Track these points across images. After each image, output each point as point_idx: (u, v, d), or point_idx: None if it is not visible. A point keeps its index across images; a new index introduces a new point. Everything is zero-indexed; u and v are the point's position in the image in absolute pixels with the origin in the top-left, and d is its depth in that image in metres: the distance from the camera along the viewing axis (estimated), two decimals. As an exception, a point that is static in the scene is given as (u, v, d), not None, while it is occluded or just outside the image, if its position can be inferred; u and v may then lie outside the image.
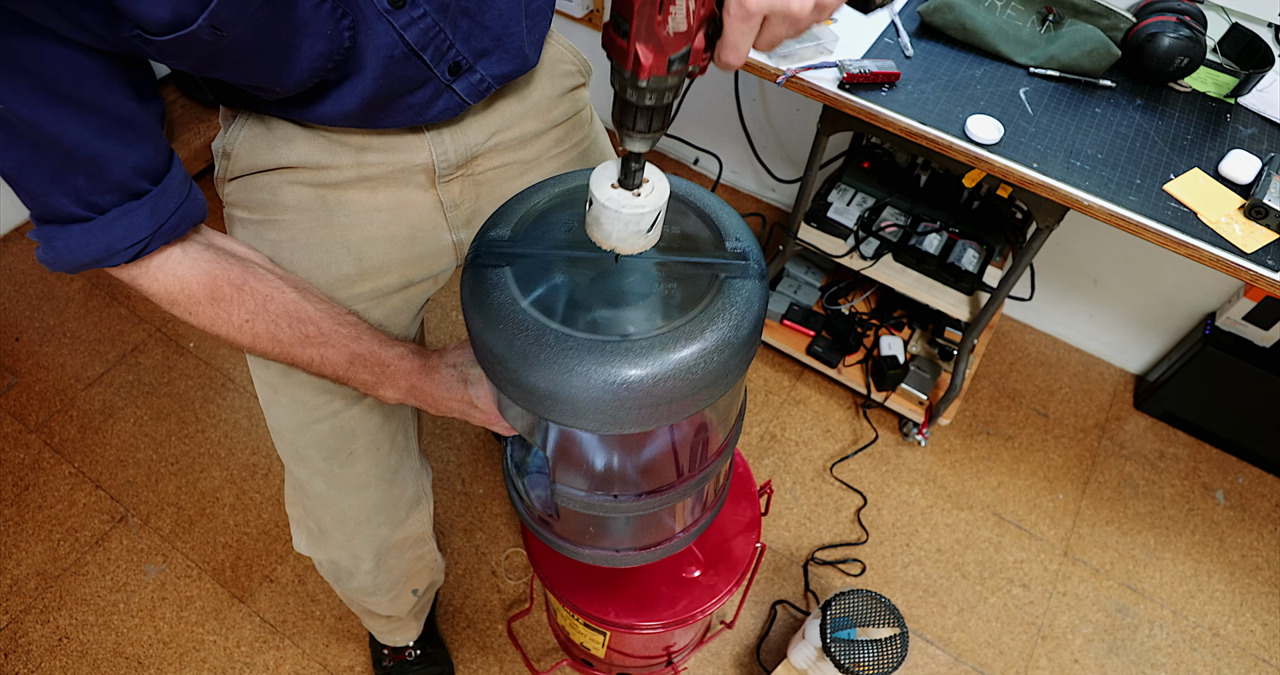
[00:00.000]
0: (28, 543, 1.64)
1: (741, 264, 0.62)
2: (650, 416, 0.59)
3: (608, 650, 1.21)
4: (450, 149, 0.79)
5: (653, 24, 0.46)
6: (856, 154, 1.84)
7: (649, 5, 0.45)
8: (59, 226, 0.60)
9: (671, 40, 0.47)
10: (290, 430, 0.91)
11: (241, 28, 0.54)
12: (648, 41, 0.47)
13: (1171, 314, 1.91)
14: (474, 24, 0.68)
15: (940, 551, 1.75)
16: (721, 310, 0.59)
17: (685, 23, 0.46)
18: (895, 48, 1.35)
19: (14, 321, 1.97)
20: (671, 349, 0.56)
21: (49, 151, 0.55)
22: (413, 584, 1.24)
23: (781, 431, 1.90)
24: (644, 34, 0.46)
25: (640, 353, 0.55)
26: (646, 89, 0.49)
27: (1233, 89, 1.34)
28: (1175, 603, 1.72)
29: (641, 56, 0.47)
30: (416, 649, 1.47)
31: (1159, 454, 1.95)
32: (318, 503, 0.98)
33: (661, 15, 0.45)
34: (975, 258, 1.63)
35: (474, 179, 0.84)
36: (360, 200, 0.79)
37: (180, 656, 1.53)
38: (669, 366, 0.56)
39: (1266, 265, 1.12)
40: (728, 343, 0.58)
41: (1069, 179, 1.19)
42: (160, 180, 0.63)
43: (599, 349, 0.55)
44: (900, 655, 1.26)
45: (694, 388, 0.58)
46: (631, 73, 0.48)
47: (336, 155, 0.76)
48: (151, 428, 1.82)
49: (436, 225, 0.85)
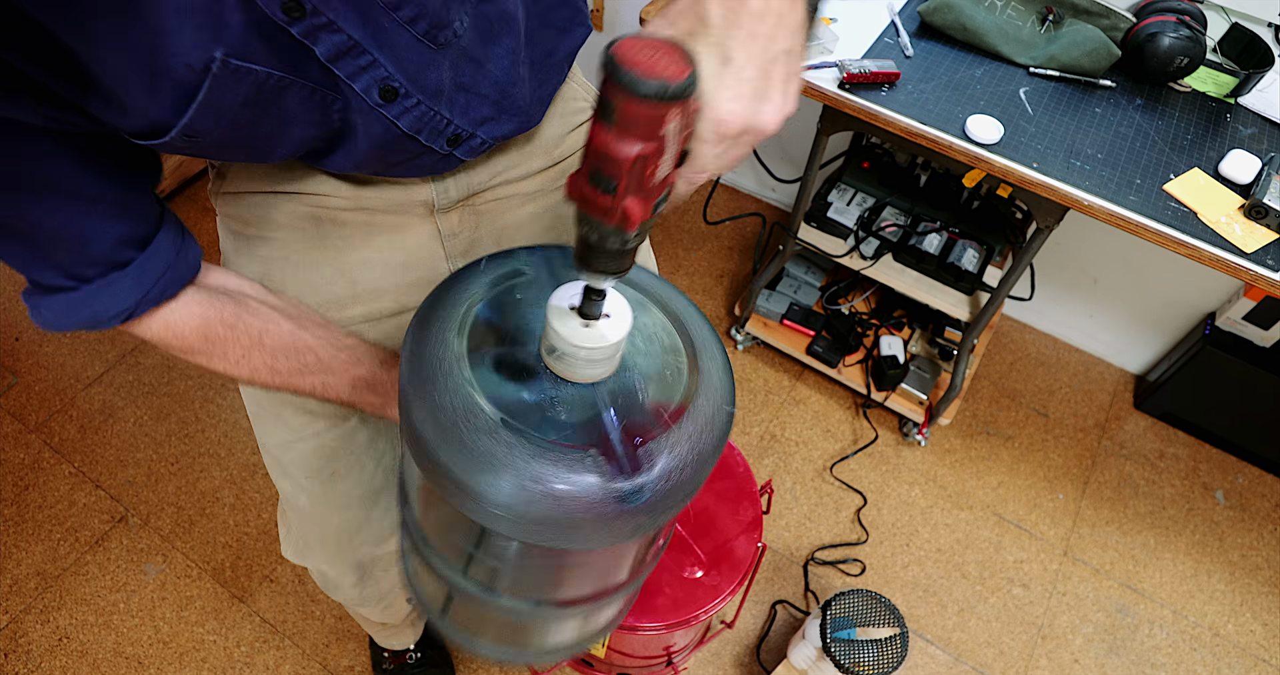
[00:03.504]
0: (28, 543, 1.64)
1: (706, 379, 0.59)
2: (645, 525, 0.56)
3: (608, 650, 1.21)
4: (452, 188, 0.79)
5: (643, 178, 0.43)
6: (856, 154, 1.84)
7: (639, 163, 0.42)
8: (44, 295, 0.60)
9: (657, 187, 0.45)
10: (275, 446, 0.91)
11: (220, 132, 0.54)
12: (637, 194, 0.44)
13: (1171, 314, 1.91)
14: (471, 97, 0.66)
15: (940, 551, 1.75)
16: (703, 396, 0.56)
17: (670, 166, 0.44)
18: (895, 48, 1.35)
19: (14, 321, 1.97)
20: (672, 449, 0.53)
21: (27, 234, 0.55)
22: (405, 594, 1.24)
23: (781, 431, 1.90)
24: (634, 188, 0.44)
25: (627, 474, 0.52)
26: (634, 237, 0.47)
27: (1233, 89, 1.34)
28: (1175, 603, 1.72)
29: (630, 212, 0.45)
30: (417, 652, 1.47)
31: (1159, 454, 1.95)
32: (302, 517, 0.98)
33: (651, 169, 0.43)
34: (975, 258, 1.63)
35: (474, 210, 0.83)
36: (356, 223, 0.78)
37: (180, 656, 1.53)
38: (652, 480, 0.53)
39: (1266, 265, 1.12)
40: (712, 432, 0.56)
41: (1069, 179, 1.19)
42: (147, 245, 0.61)
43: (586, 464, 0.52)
44: (900, 655, 1.26)
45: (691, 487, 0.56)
46: (618, 227, 0.46)
47: (335, 188, 0.75)
48: (151, 428, 1.82)
49: (434, 254, 0.84)
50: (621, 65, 0.39)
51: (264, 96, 0.54)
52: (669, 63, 0.40)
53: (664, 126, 0.41)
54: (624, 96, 0.40)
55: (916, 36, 1.37)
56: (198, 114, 0.51)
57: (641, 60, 0.40)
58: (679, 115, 0.42)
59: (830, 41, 1.32)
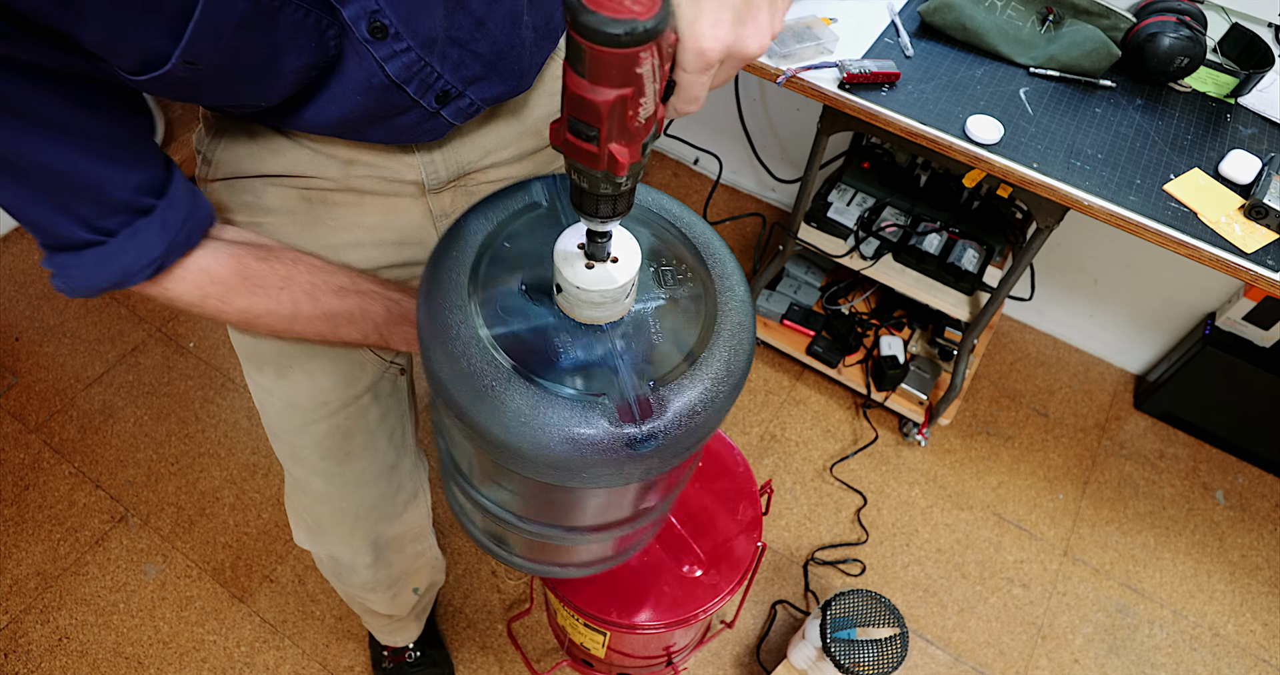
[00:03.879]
0: (28, 543, 1.64)
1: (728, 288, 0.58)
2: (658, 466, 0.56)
3: (608, 650, 1.21)
4: (441, 168, 0.78)
5: (624, 121, 0.42)
6: (856, 154, 1.84)
7: (619, 107, 0.40)
8: (72, 254, 0.59)
9: (643, 127, 0.43)
10: (286, 431, 0.91)
11: (218, 57, 0.52)
12: (621, 139, 0.43)
13: (1171, 314, 1.91)
14: (465, 53, 0.65)
15: (940, 551, 1.75)
16: (720, 339, 0.55)
17: (654, 104, 0.42)
18: (895, 48, 1.35)
19: (14, 321, 1.97)
20: (682, 395, 0.53)
21: (46, 181, 0.54)
22: (413, 582, 1.24)
23: (781, 431, 1.90)
24: (616, 134, 0.42)
25: None
26: (627, 179, 0.46)
27: (1233, 89, 1.34)
28: (1175, 603, 1.72)
29: (618, 155, 0.43)
30: (416, 650, 1.47)
31: (1159, 454, 1.95)
32: (316, 500, 0.98)
33: (632, 111, 0.41)
34: (975, 258, 1.63)
35: (466, 191, 0.83)
36: (347, 205, 0.78)
37: (180, 656, 1.53)
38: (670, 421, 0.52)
39: (1266, 265, 1.12)
40: (729, 376, 0.55)
41: (1069, 179, 1.19)
42: (164, 193, 0.61)
43: (597, 409, 0.52)
44: (900, 655, 1.26)
45: (704, 431, 0.55)
46: (607, 172, 0.44)
47: (322, 167, 0.74)
48: (151, 428, 1.82)
49: (425, 233, 0.84)
50: (585, 6, 0.36)
51: (260, 17, 0.52)
52: (637, 0, 0.37)
53: (639, 67, 0.39)
54: (591, 41, 0.37)
55: (916, 36, 1.37)
56: (195, 35, 0.49)
57: (608, 1, 0.37)
58: (653, 54, 0.39)
59: (830, 41, 1.32)
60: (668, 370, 0.54)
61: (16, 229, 2.15)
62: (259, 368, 0.87)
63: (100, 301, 2.02)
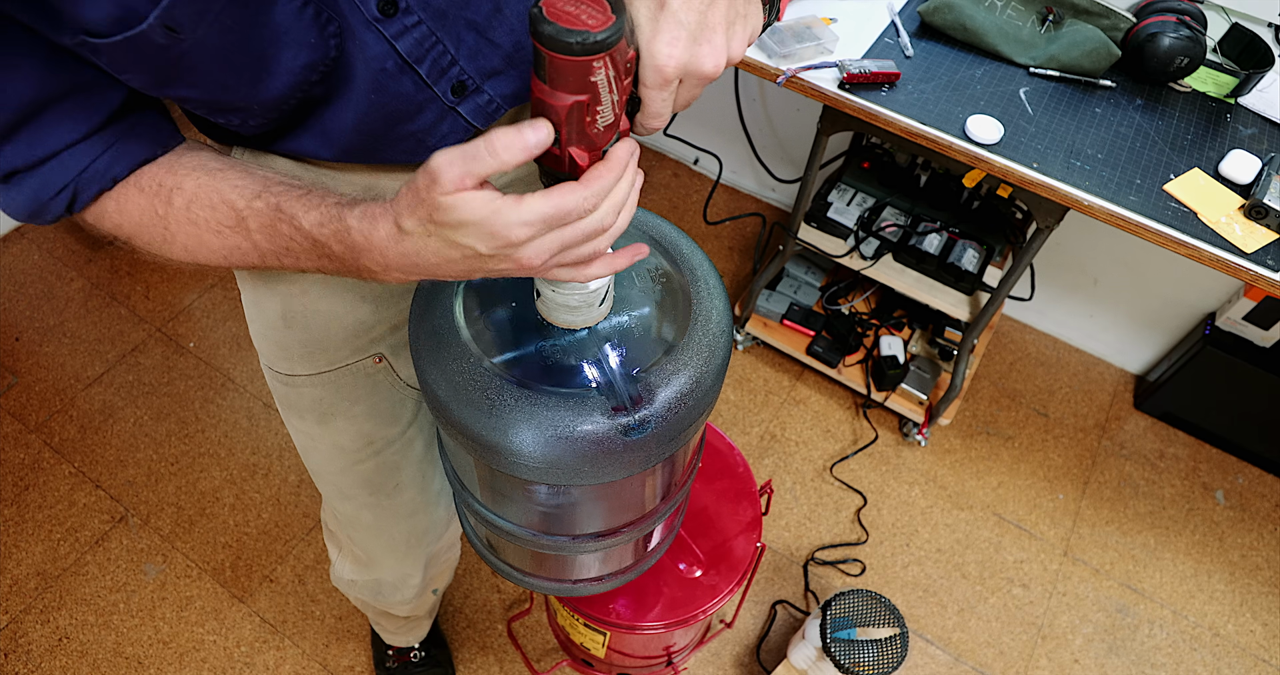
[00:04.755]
0: (28, 543, 1.64)
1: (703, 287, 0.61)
2: (656, 455, 0.58)
3: (608, 650, 1.21)
4: None
5: (583, 127, 0.45)
6: (856, 154, 1.84)
7: (576, 112, 0.44)
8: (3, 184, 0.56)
9: (602, 135, 0.46)
10: (332, 473, 0.90)
11: (203, 31, 0.48)
12: (580, 144, 0.46)
13: (1171, 314, 1.91)
14: (481, 40, 0.62)
15: (940, 551, 1.75)
16: (699, 327, 0.58)
17: (613, 113, 0.46)
18: (895, 48, 1.35)
19: (14, 321, 1.97)
20: (669, 381, 0.55)
21: None
22: (435, 584, 1.24)
23: (781, 431, 1.90)
24: (575, 138, 0.45)
25: None
26: None
27: (1233, 89, 1.34)
28: (1175, 603, 1.72)
29: (577, 159, 0.46)
30: (421, 650, 1.47)
31: (1159, 454, 1.95)
32: (368, 534, 0.98)
33: (590, 117, 0.45)
34: (975, 258, 1.63)
35: None
36: None
37: (180, 656, 1.53)
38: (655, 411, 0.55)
39: (1266, 265, 1.12)
40: (710, 357, 0.58)
41: (1069, 179, 1.19)
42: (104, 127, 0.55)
43: (589, 404, 0.54)
44: (900, 655, 1.26)
45: (695, 412, 0.57)
46: (569, 174, 0.47)
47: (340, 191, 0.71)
48: (151, 428, 1.82)
49: None
50: (545, 16, 0.40)
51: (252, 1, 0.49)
52: (592, 14, 0.41)
53: (592, 75, 0.42)
54: (549, 48, 0.41)
55: (916, 36, 1.37)
56: (177, 3, 0.46)
57: (565, 12, 0.40)
58: (606, 65, 0.42)
59: (830, 41, 1.32)
60: (651, 361, 0.57)
61: (16, 229, 2.15)
62: (300, 416, 0.85)
63: (100, 301, 2.02)
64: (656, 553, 0.92)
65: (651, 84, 0.46)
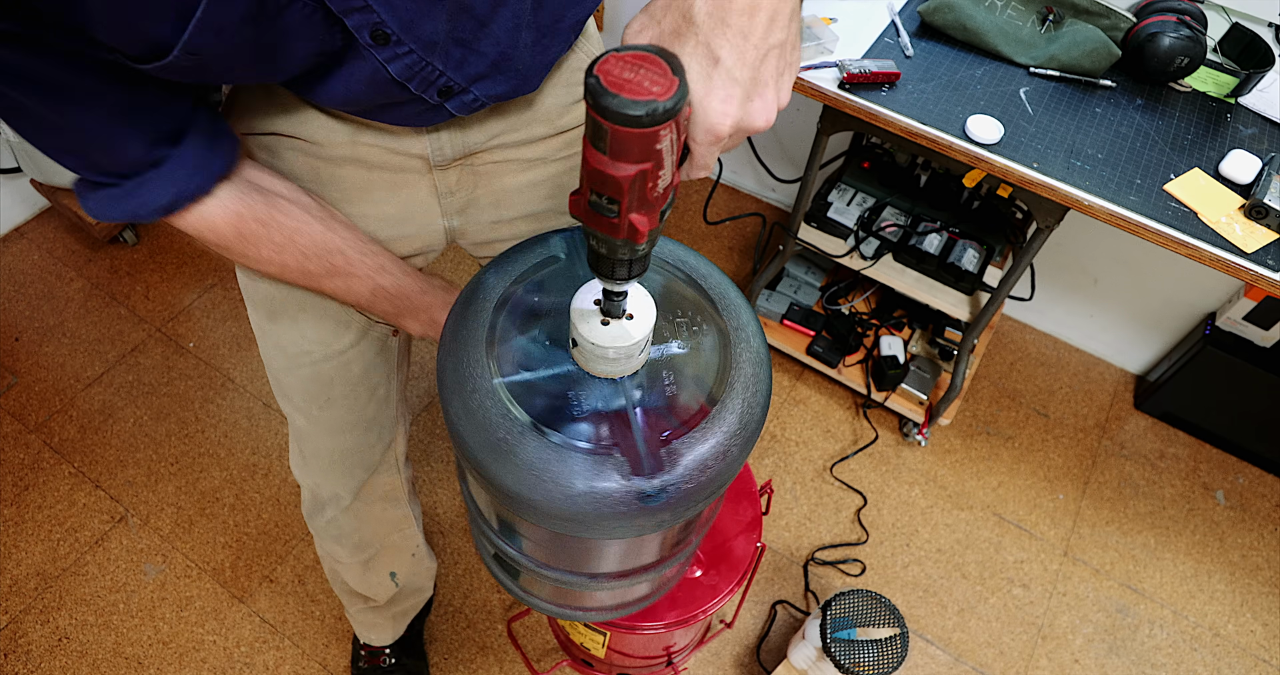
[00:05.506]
0: (28, 543, 1.64)
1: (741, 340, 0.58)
2: (669, 520, 0.57)
3: (608, 650, 1.21)
4: (447, 146, 0.79)
5: (644, 193, 0.43)
6: (856, 154, 1.84)
7: (640, 180, 0.42)
8: (90, 189, 0.64)
9: (661, 196, 0.44)
10: (277, 370, 0.95)
11: (222, 49, 0.54)
12: (641, 209, 0.44)
13: (1171, 314, 1.91)
14: (468, 52, 0.66)
15: (940, 551, 1.75)
16: (734, 393, 0.55)
17: (671, 175, 0.43)
18: (895, 47, 1.35)
19: (14, 321, 1.97)
20: (693, 450, 0.53)
21: (67, 134, 0.58)
22: (391, 562, 1.24)
23: (781, 431, 1.90)
24: (637, 205, 0.43)
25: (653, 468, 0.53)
26: (645, 245, 0.47)
27: (1233, 89, 1.34)
28: (1175, 603, 1.72)
29: (638, 225, 0.44)
30: (392, 656, 1.47)
31: (1159, 454, 1.95)
32: (299, 436, 1.03)
33: (652, 183, 0.42)
34: (975, 258, 1.63)
35: (473, 169, 0.84)
36: (354, 177, 0.80)
37: (180, 656, 1.53)
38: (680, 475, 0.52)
39: (1266, 265, 1.12)
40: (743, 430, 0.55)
41: (1069, 179, 1.19)
42: (181, 140, 0.63)
43: (609, 463, 0.52)
44: (900, 655, 1.26)
45: (716, 485, 0.55)
46: (627, 240, 0.45)
47: (332, 132, 0.76)
48: (151, 428, 1.82)
49: (429, 209, 0.85)
50: (607, 89, 0.37)
51: (265, 13, 0.53)
52: (655, 80, 0.38)
53: (659, 144, 0.40)
54: (614, 122, 0.38)
55: (916, 36, 1.37)
56: (197, 30, 0.51)
57: (627, 82, 0.38)
58: (672, 130, 0.40)
59: (830, 41, 1.32)
60: (680, 423, 0.54)
61: (16, 229, 2.15)
62: (254, 306, 0.91)
63: (100, 301, 2.02)
64: (671, 583, 0.91)
65: (704, 141, 0.45)
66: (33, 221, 2.17)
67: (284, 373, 0.94)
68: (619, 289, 0.51)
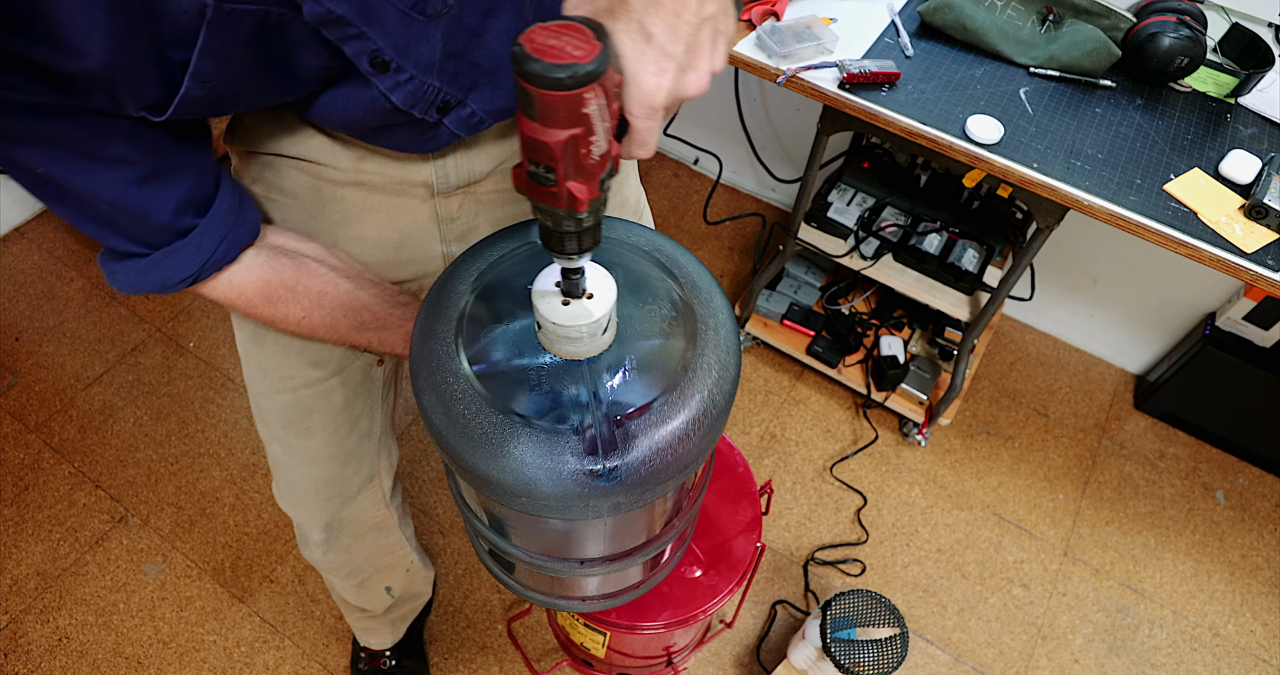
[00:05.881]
0: (28, 543, 1.64)
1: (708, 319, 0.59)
2: (627, 503, 0.57)
3: (608, 650, 1.21)
4: (452, 173, 0.79)
5: (579, 160, 0.44)
6: (856, 154, 1.84)
7: (571, 146, 0.43)
8: (118, 261, 0.65)
9: (598, 164, 0.45)
10: (257, 394, 0.94)
11: (230, 74, 0.55)
12: (578, 177, 0.45)
13: (1171, 314, 1.91)
14: (462, 64, 0.66)
15: (940, 551, 1.75)
16: (696, 379, 0.56)
17: (606, 142, 0.44)
18: (895, 48, 1.35)
19: (14, 321, 1.97)
20: (650, 433, 0.53)
21: (93, 204, 0.59)
22: (384, 579, 1.24)
23: (781, 431, 1.90)
24: (573, 172, 0.44)
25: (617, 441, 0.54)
26: (588, 215, 0.48)
27: (1233, 89, 1.34)
28: (1175, 603, 1.72)
29: (576, 192, 0.45)
30: (392, 659, 1.47)
31: (1159, 454, 1.95)
32: (276, 465, 1.02)
33: (585, 149, 0.44)
34: (975, 258, 1.63)
35: (475, 197, 0.83)
36: (355, 200, 0.79)
37: (180, 656, 1.53)
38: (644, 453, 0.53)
39: (1266, 265, 1.12)
40: (705, 416, 0.56)
41: (1069, 179, 1.19)
42: (207, 209, 0.65)
43: (563, 441, 0.53)
44: (900, 655, 1.26)
45: (673, 469, 0.56)
46: (568, 210, 0.46)
47: (336, 156, 0.75)
48: (151, 428, 1.82)
49: (429, 235, 0.84)
50: (530, 54, 0.39)
51: (266, 35, 0.54)
52: (577, 45, 0.40)
53: (585, 107, 0.41)
54: (537, 86, 0.39)
55: (916, 36, 1.37)
56: (202, 57, 0.51)
57: (549, 47, 0.39)
58: (597, 94, 0.41)
59: (830, 41, 1.32)
60: (639, 407, 0.55)
61: (16, 229, 2.15)
62: (240, 327, 0.90)
63: (100, 301, 2.02)
64: (664, 570, 0.91)
65: (639, 113, 0.46)
66: (33, 221, 2.17)
67: (264, 397, 0.93)
68: (573, 265, 0.51)
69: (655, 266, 0.62)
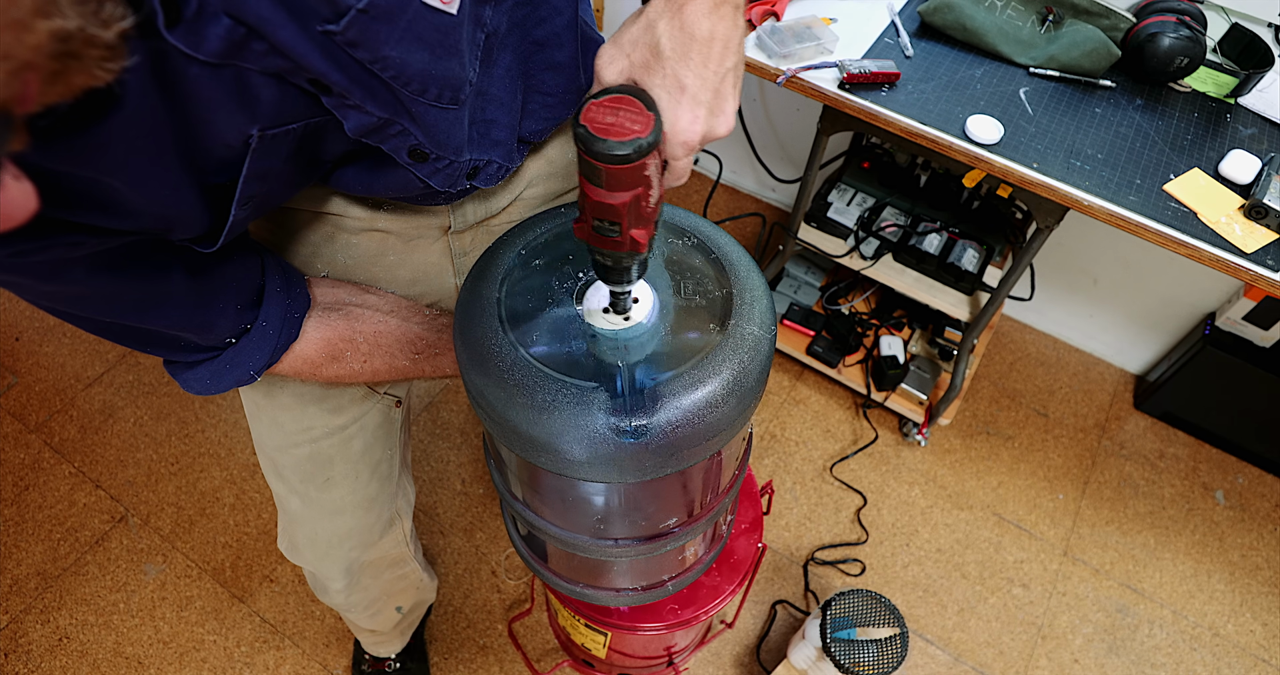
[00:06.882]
0: (28, 543, 1.64)
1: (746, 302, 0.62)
2: (655, 466, 0.59)
3: (609, 651, 1.21)
4: (469, 214, 0.80)
5: (640, 211, 0.49)
6: (856, 154, 1.84)
7: (634, 203, 0.47)
8: (186, 369, 0.67)
9: (654, 210, 0.50)
10: (271, 449, 0.91)
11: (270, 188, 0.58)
12: (638, 224, 0.49)
13: (1171, 314, 1.91)
14: (480, 126, 0.68)
15: (940, 551, 1.75)
16: (728, 355, 0.59)
17: (659, 190, 0.49)
18: (895, 48, 1.35)
19: (14, 321, 1.97)
20: (678, 397, 0.56)
21: (159, 334, 0.62)
22: (396, 601, 1.24)
23: (781, 431, 1.90)
24: (635, 221, 0.49)
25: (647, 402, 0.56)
26: (646, 253, 0.53)
27: (1233, 89, 1.34)
28: (1175, 603, 1.72)
29: (638, 238, 0.50)
30: (396, 662, 1.47)
31: (1159, 454, 1.95)
32: (291, 520, 0.98)
33: (645, 202, 0.48)
34: (975, 258, 1.63)
35: (488, 230, 0.84)
36: (369, 245, 0.79)
37: (180, 656, 1.53)
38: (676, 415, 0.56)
39: (1266, 265, 1.12)
40: (736, 387, 0.58)
41: (1069, 179, 1.19)
42: (260, 295, 0.66)
43: (594, 398, 0.56)
44: (900, 655, 1.27)
45: (701, 437, 0.58)
46: (630, 252, 0.51)
47: (350, 208, 0.76)
48: (151, 428, 1.82)
49: (442, 271, 0.85)
50: (595, 135, 0.44)
51: (306, 144, 0.57)
52: (634, 119, 0.45)
53: (646, 170, 0.46)
54: (606, 163, 0.44)
55: (916, 36, 1.37)
56: (247, 185, 0.54)
57: (610, 126, 0.44)
58: (655, 158, 0.46)
59: (830, 42, 1.32)
60: (672, 371, 0.57)
61: (16, 229, 2.15)
62: (249, 386, 0.87)
63: (100, 301, 2.02)
64: (698, 568, 0.92)
65: (679, 154, 0.52)
66: (33, 221, 2.17)
67: (280, 452, 0.90)
68: (629, 289, 0.56)
69: (695, 247, 0.65)
